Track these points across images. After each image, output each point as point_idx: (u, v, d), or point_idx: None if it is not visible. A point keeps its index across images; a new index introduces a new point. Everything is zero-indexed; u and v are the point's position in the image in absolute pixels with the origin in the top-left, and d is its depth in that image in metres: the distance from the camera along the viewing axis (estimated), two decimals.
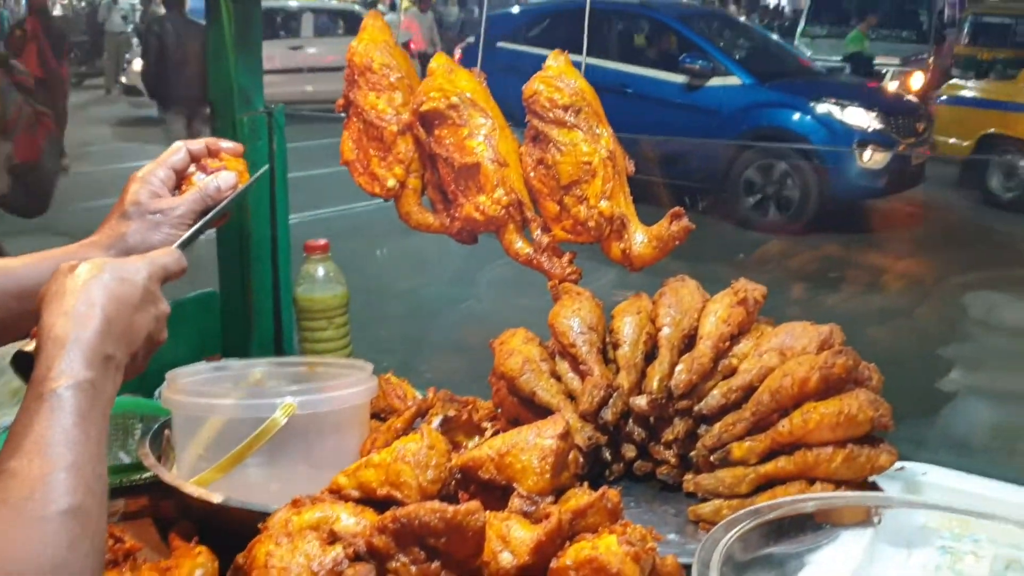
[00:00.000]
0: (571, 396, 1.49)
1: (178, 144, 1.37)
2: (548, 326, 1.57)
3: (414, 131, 1.71)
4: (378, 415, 1.67)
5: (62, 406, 0.85)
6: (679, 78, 9.62)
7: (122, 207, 1.27)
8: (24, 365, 0.94)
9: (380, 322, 5.67)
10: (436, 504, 1.00)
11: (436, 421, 1.51)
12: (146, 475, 1.50)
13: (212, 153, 1.38)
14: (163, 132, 9.67)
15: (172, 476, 1.37)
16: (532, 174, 1.65)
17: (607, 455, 1.49)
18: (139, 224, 1.25)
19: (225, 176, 1.33)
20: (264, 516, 1.20)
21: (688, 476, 1.44)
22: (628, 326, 1.55)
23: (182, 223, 1.27)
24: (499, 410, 1.57)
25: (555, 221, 1.67)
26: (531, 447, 1.15)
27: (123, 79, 15.68)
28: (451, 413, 1.54)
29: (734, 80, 9.49)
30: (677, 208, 1.57)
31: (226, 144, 1.40)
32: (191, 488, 1.32)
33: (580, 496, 1.11)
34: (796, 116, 9.35)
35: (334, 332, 2.00)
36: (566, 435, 1.18)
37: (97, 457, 0.86)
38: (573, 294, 1.59)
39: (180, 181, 1.35)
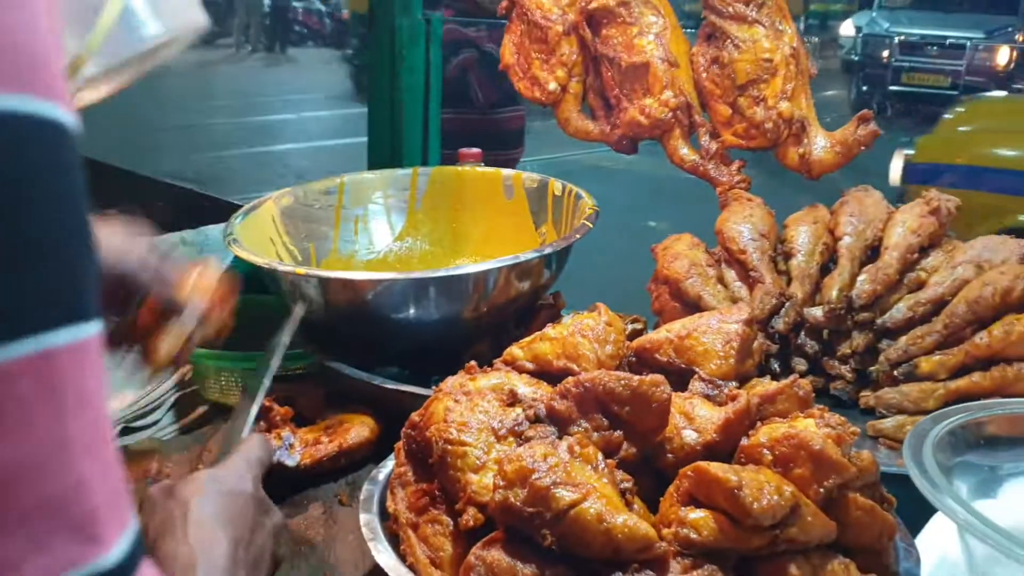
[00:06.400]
0: None
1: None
2: (715, 233, 1.49)
3: (579, 31, 1.64)
4: None
5: None
6: None
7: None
8: None
9: None
10: (620, 372, 0.94)
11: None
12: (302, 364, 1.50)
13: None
14: None
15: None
16: (705, 75, 1.57)
17: (776, 367, 1.41)
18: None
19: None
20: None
21: (865, 392, 1.35)
22: (803, 235, 1.46)
23: None
24: (659, 318, 1.50)
25: (725, 126, 1.58)
26: (714, 331, 1.08)
27: None
28: None
29: None
30: (865, 111, 1.46)
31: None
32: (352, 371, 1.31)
33: (767, 384, 1.04)
34: None
35: None
36: (751, 322, 1.10)
37: None
38: (744, 200, 1.51)
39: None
